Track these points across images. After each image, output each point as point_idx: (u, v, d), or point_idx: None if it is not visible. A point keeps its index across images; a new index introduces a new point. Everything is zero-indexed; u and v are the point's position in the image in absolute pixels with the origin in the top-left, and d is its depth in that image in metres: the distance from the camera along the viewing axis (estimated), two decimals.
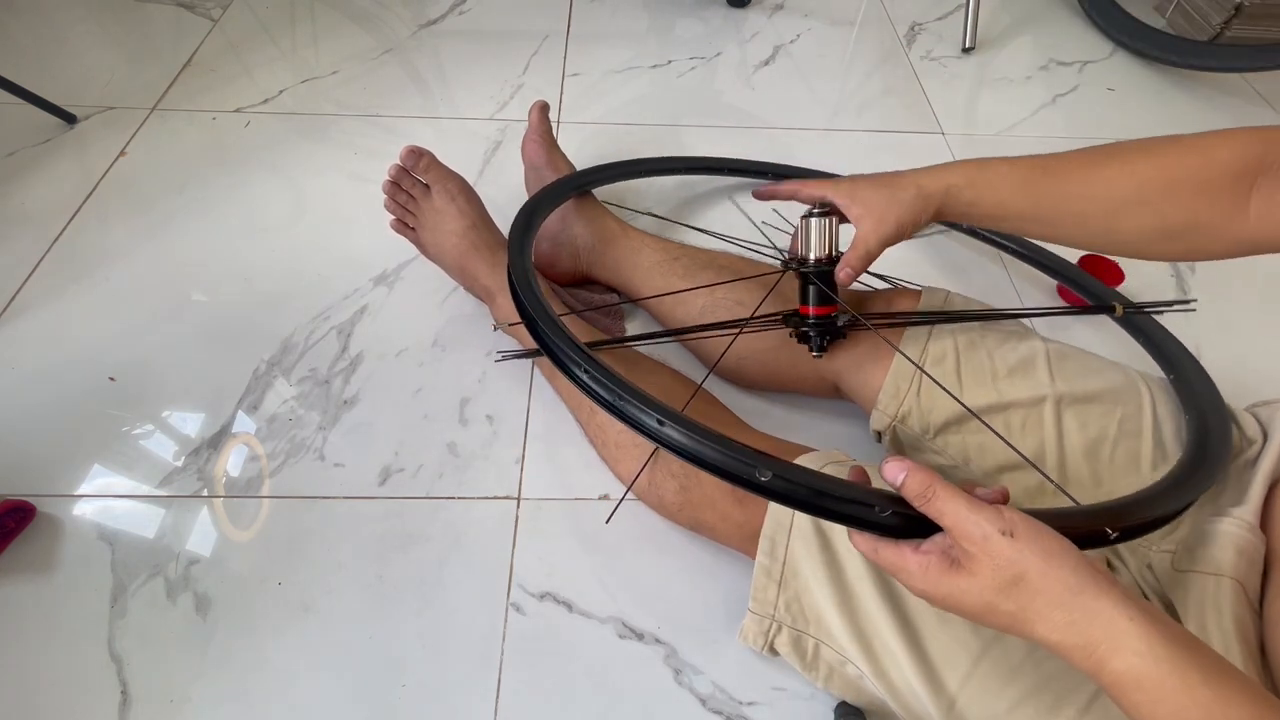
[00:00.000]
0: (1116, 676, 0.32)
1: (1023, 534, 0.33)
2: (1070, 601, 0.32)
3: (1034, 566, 0.33)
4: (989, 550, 0.33)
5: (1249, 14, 1.09)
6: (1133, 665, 0.31)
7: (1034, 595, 0.33)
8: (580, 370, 0.48)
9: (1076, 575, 0.33)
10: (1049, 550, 0.33)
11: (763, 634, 0.53)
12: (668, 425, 0.42)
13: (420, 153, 0.71)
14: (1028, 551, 0.33)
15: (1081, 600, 0.32)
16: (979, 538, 0.33)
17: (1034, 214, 0.50)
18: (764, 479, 0.39)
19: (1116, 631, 0.31)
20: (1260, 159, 0.43)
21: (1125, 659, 0.31)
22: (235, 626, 0.57)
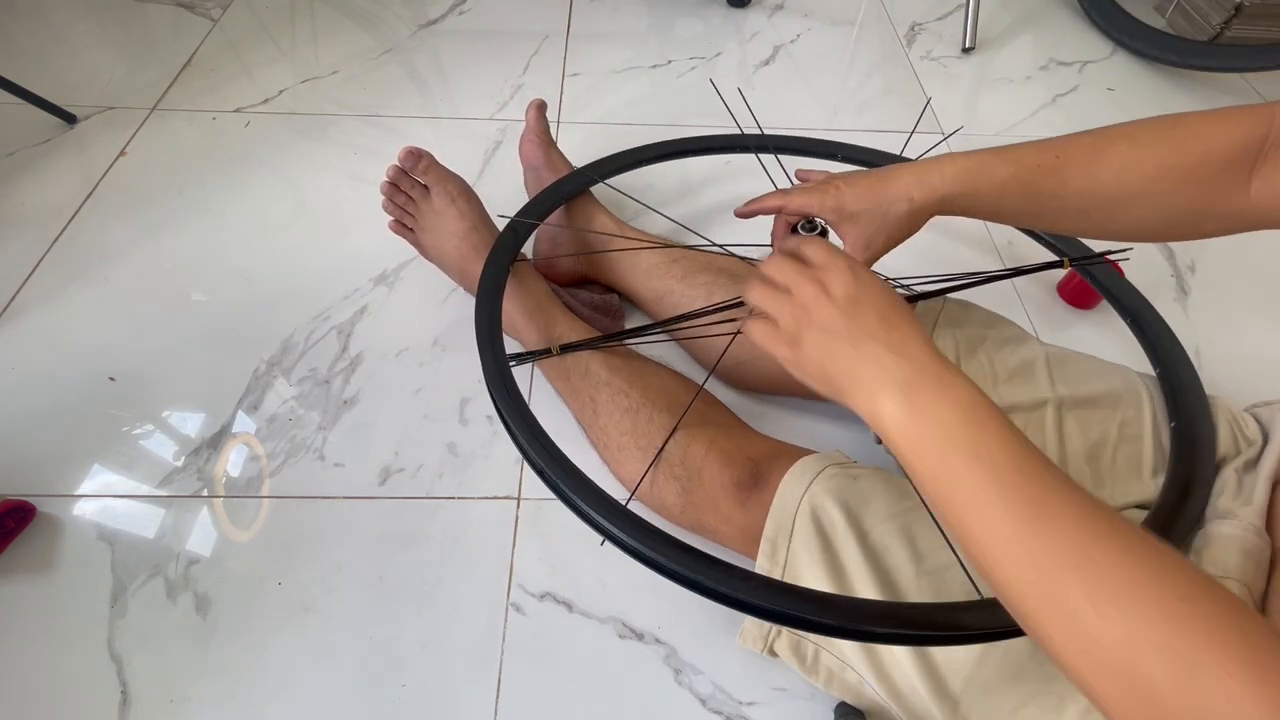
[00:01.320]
0: (877, 419, 0.34)
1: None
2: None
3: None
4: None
5: (1249, 14, 1.09)
6: (892, 412, 0.33)
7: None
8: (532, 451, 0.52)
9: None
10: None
11: (762, 637, 0.53)
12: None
13: (419, 154, 0.71)
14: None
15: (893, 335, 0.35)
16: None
17: (1033, 211, 0.49)
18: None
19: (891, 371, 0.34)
20: (1260, 138, 0.42)
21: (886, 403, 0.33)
22: (235, 626, 0.57)
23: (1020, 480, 0.30)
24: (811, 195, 0.50)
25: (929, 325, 0.59)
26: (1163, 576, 0.26)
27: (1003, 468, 0.30)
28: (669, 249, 0.74)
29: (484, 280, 0.63)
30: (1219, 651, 0.24)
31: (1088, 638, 0.26)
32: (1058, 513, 0.29)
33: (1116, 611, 0.26)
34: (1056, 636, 0.27)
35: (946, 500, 0.32)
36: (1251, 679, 0.23)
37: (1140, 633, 0.25)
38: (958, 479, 0.31)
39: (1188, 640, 0.25)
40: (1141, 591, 0.26)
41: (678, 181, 0.95)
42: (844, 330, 0.37)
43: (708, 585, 0.45)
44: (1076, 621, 0.27)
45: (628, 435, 0.60)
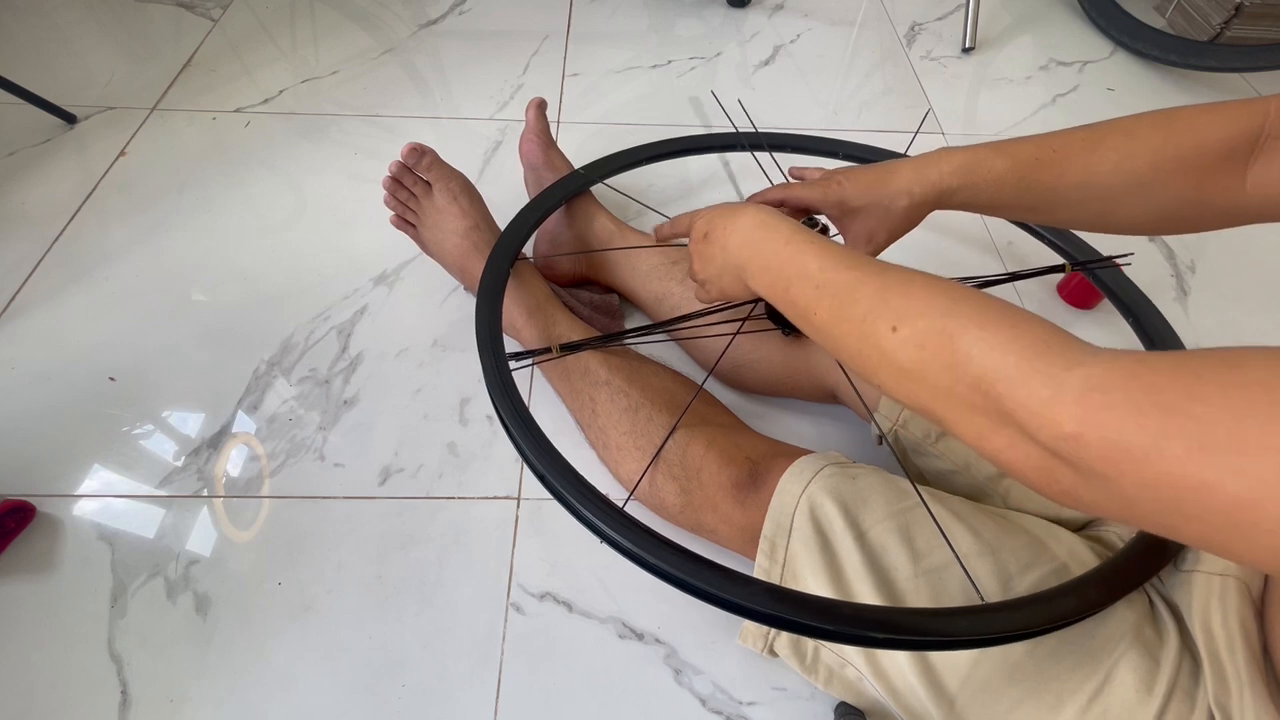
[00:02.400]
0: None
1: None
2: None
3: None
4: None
5: (1249, 14, 1.09)
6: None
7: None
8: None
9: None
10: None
11: (762, 636, 0.53)
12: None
13: (422, 150, 0.71)
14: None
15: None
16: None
17: (1030, 204, 0.49)
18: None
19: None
20: (1255, 130, 0.43)
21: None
22: (235, 626, 0.57)
23: (835, 275, 0.39)
24: (814, 190, 0.52)
25: None
26: (940, 290, 0.34)
27: (817, 272, 0.39)
28: (669, 250, 0.74)
29: (484, 280, 0.63)
30: (989, 327, 0.30)
31: (891, 350, 0.34)
32: (859, 283, 0.37)
33: (906, 323, 0.33)
34: (876, 365, 0.35)
35: (801, 318, 0.40)
36: (1015, 335, 0.29)
37: (925, 331, 0.32)
38: (795, 300, 0.40)
39: (960, 323, 0.31)
40: (925, 308, 0.33)
41: (678, 182, 0.95)
42: (712, 260, 0.48)
43: (706, 590, 0.45)
44: (883, 342, 0.34)
45: (626, 435, 0.60)
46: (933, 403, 0.32)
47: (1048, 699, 0.42)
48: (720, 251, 0.47)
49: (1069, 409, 0.26)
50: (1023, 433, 0.28)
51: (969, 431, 0.31)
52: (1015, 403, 0.28)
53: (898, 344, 0.33)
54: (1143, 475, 0.24)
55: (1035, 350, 0.28)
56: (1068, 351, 0.28)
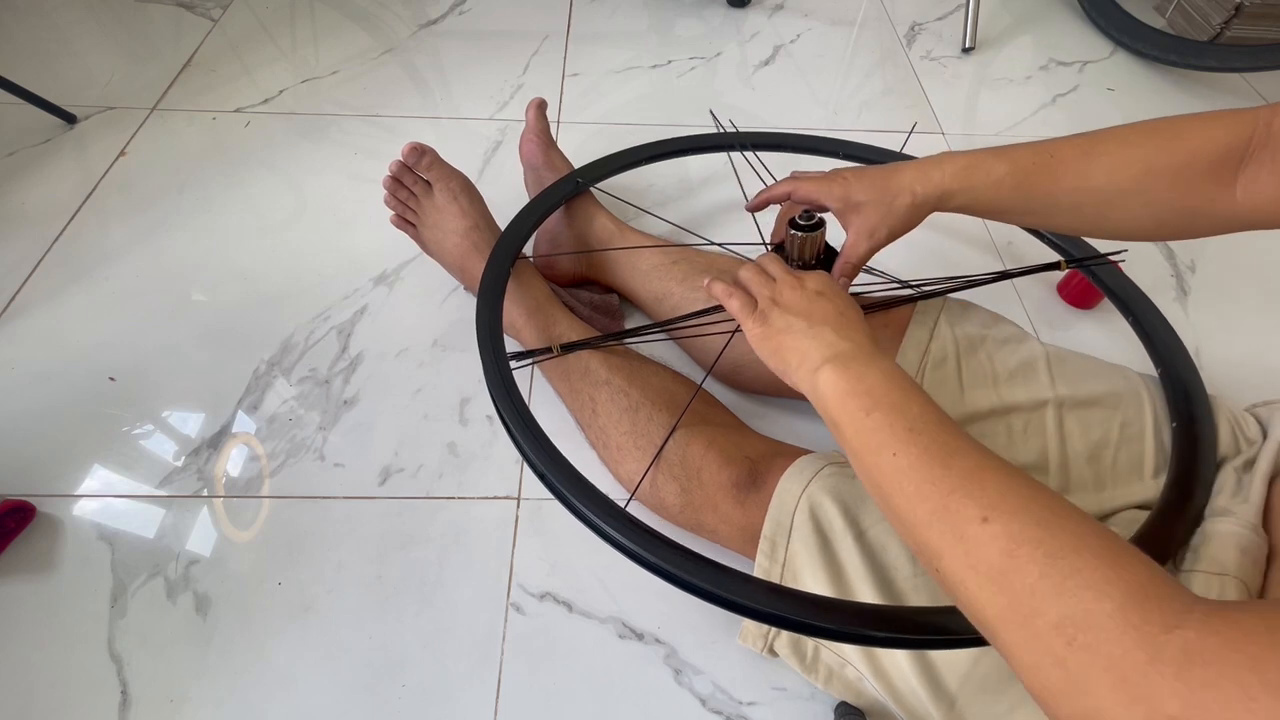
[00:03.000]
0: (816, 387, 0.40)
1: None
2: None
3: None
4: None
5: (1249, 14, 1.09)
6: (831, 380, 0.39)
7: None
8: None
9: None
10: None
11: (762, 636, 0.53)
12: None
13: (423, 150, 0.71)
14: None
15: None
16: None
17: (1027, 208, 0.50)
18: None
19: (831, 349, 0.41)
20: (1245, 140, 0.43)
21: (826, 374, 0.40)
22: (235, 626, 0.57)
23: (932, 429, 0.35)
24: (819, 184, 0.53)
25: (929, 325, 0.59)
26: (1041, 498, 0.30)
27: (917, 418, 0.36)
28: (669, 250, 0.74)
29: (485, 280, 0.63)
30: (1086, 554, 0.27)
31: (972, 541, 0.30)
32: (960, 453, 0.33)
33: (999, 519, 0.29)
34: (946, 549, 0.31)
35: (868, 447, 0.36)
36: (1113, 576, 0.26)
37: (1018, 537, 0.29)
38: (879, 427, 0.36)
39: (1058, 542, 0.28)
40: (1022, 508, 0.30)
41: (677, 182, 0.95)
42: (804, 314, 0.44)
43: (706, 588, 0.45)
44: (964, 531, 0.30)
45: (627, 435, 0.60)
46: (1000, 621, 0.28)
47: None
48: (825, 311, 0.44)
49: (1170, 684, 0.22)
50: (1106, 710, 0.24)
51: (1033, 679, 0.26)
52: (1107, 659, 0.24)
53: (984, 538, 0.29)
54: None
55: (1135, 600, 0.25)
56: (1166, 604, 0.24)
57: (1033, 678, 0.27)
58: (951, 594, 0.31)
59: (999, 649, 0.28)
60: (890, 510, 0.35)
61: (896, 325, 0.60)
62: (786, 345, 0.44)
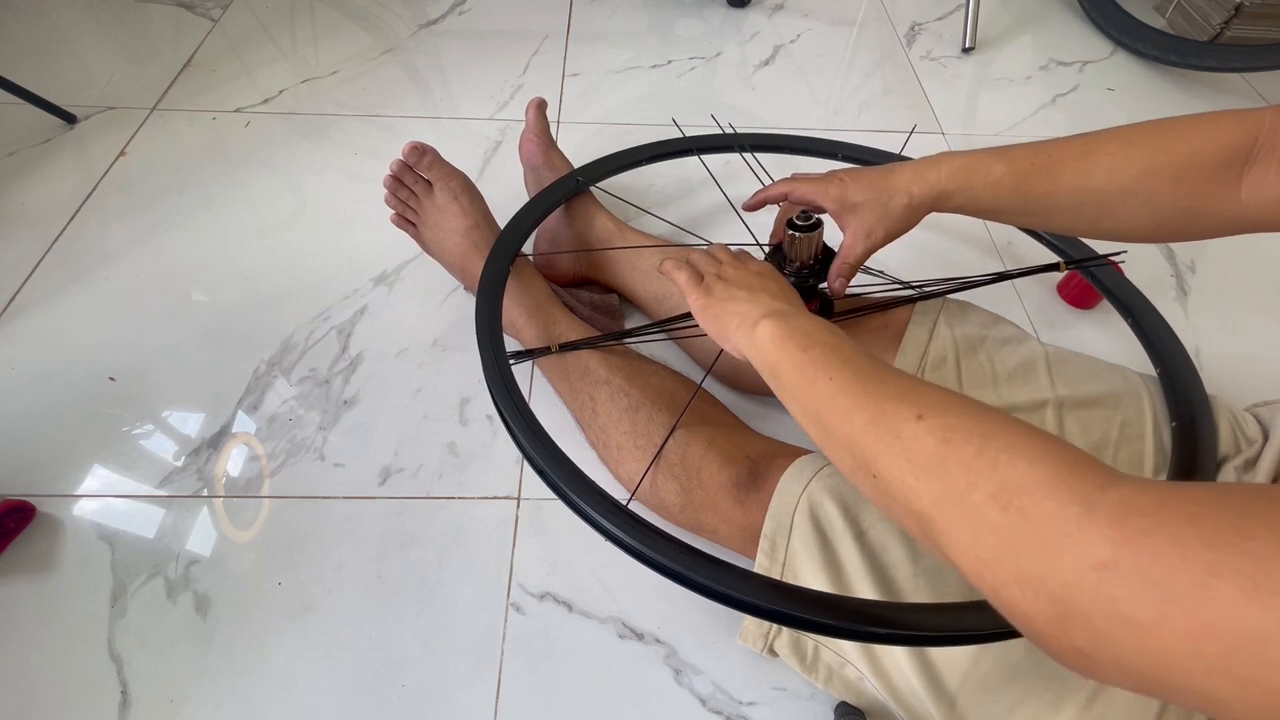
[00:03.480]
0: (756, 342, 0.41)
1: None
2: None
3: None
4: None
5: (1249, 14, 1.09)
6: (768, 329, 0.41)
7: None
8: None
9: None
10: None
11: (762, 636, 0.53)
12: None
13: (423, 149, 0.71)
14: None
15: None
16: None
17: (1026, 208, 0.50)
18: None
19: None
20: (1249, 141, 0.43)
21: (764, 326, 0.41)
22: (235, 626, 0.57)
23: (865, 359, 0.37)
24: (816, 185, 0.53)
25: (929, 325, 0.59)
26: (972, 401, 0.31)
27: (851, 351, 0.37)
28: (668, 249, 0.74)
29: (485, 279, 0.63)
30: (1019, 433, 0.28)
31: (908, 438, 0.30)
32: (892, 375, 0.35)
33: (935, 414, 0.30)
34: (883, 449, 0.31)
35: (805, 378, 0.37)
36: (1048, 449, 0.27)
37: (953, 426, 0.29)
38: (814, 360, 0.37)
39: (992, 426, 0.29)
40: (955, 405, 0.31)
41: (677, 181, 0.95)
42: (745, 287, 0.47)
43: (709, 585, 0.45)
44: (900, 429, 0.31)
45: (626, 435, 0.60)
46: (935, 507, 0.28)
47: (1048, 698, 0.42)
48: (766, 283, 0.47)
49: (1103, 530, 0.22)
50: (1038, 565, 0.24)
51: (967, 554, 0.27)
52: (1041, 517, 0.24)
53: (919, 430, 0.30)
54: (1187, 623, 0.20)
55: (1068, 466, 0.25)
56: (1101, 471, 0.25)
57: (967, 555, 0.27)
58: (887, 502, 0.31)
59: (935, 542, 0.29)
60: (827, 434, 0.35)
61: (895, 326, 0.60)
62: (727, 311, 0.46)
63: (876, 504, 0.33)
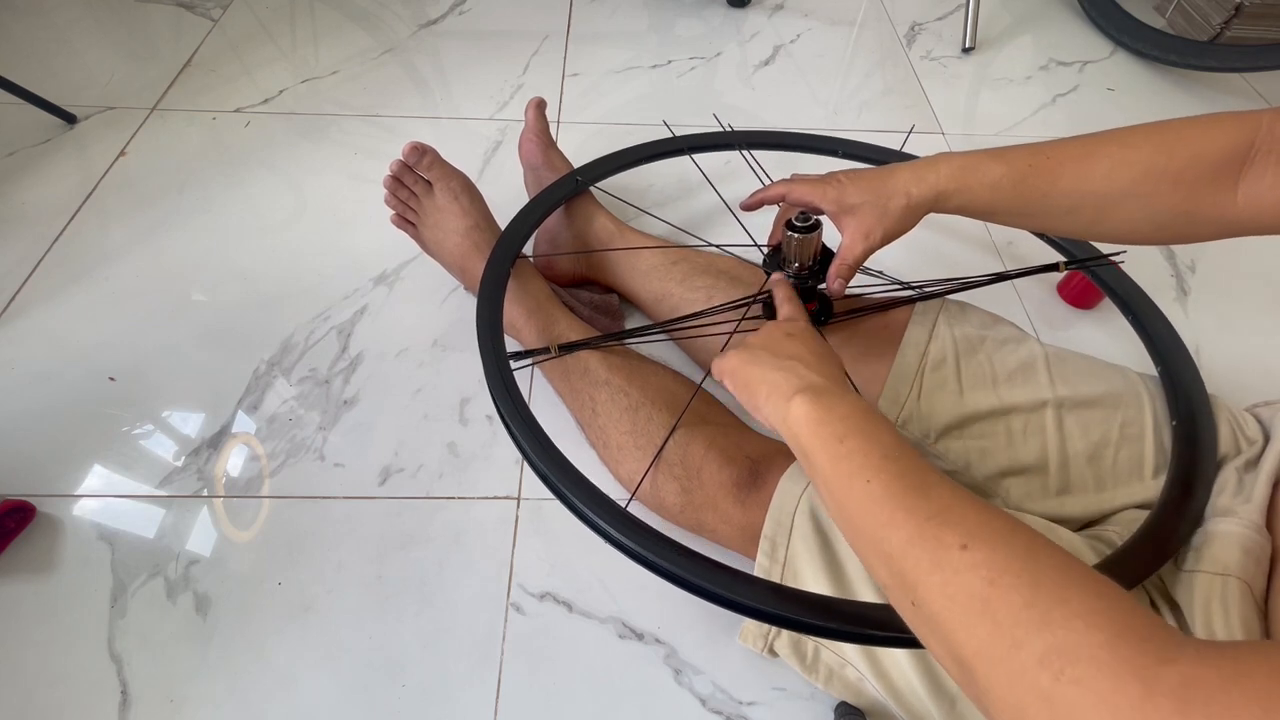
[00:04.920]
0: (789, 422, 0.39)
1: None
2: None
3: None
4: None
5: (1249, 14, 1.09)
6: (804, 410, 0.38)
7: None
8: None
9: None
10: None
11: (762, 636, 0.53)
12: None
13: (423, 149, 0.71)
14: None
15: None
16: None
17: (1023, 210, 0.50)
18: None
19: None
20: (1247, 145, 0.43)
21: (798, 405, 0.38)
22: (235, 626, 0.57)
23: (907, 458, 0.34)
24: (814, 187, 0.53)
25: (928, 326, 0.59)
26: (1021, 530, 0.29)
27: (891, 446, 0.35)
28: (669, 250, 0.74)
29: (485, 279, 0.63)
30: (1072, 587, 0.25)
31: (950, 569, 0.28)
32: (935, 482, 0.32)
33: (981, 547, 0.28)
34: (922, 578, 0.29)
35: (840, 475, 0.35)
36: (1101, 608, 0.24)
37: (1000, 565, 0.27)
38: (852, 453, 0.35)
39: (1043, 571, 0.26)
40: (1003, 538, 0.28)
41: (677, 181, 0.95)
42: (775, 349, 0.44)
43: (708, 588, 0.45)
44: (942, 558, 0.28)
45: (627, 435, 0.60)
46: (978, 658, 0.26)
47: None
48: (796, 348, 0.44)
49: (1166, 718, 0.21)
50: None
51: (1013, 717, 0.25)
52: (1097, 693, 0.22)
53: (963, 565, 0.28)
54: None
55: (1125, 632, 0.23)
56: (1159, 638, 0.23)
57: (1005, 714, 0.25)
58: (926, 634, 0.29)
59: (976, 693, 0.26)
60: (862, 542, 0.33)
61: (895, 327, 0.60)
62: (754, 377, 0.43)
63: (914, 632, 0.30)
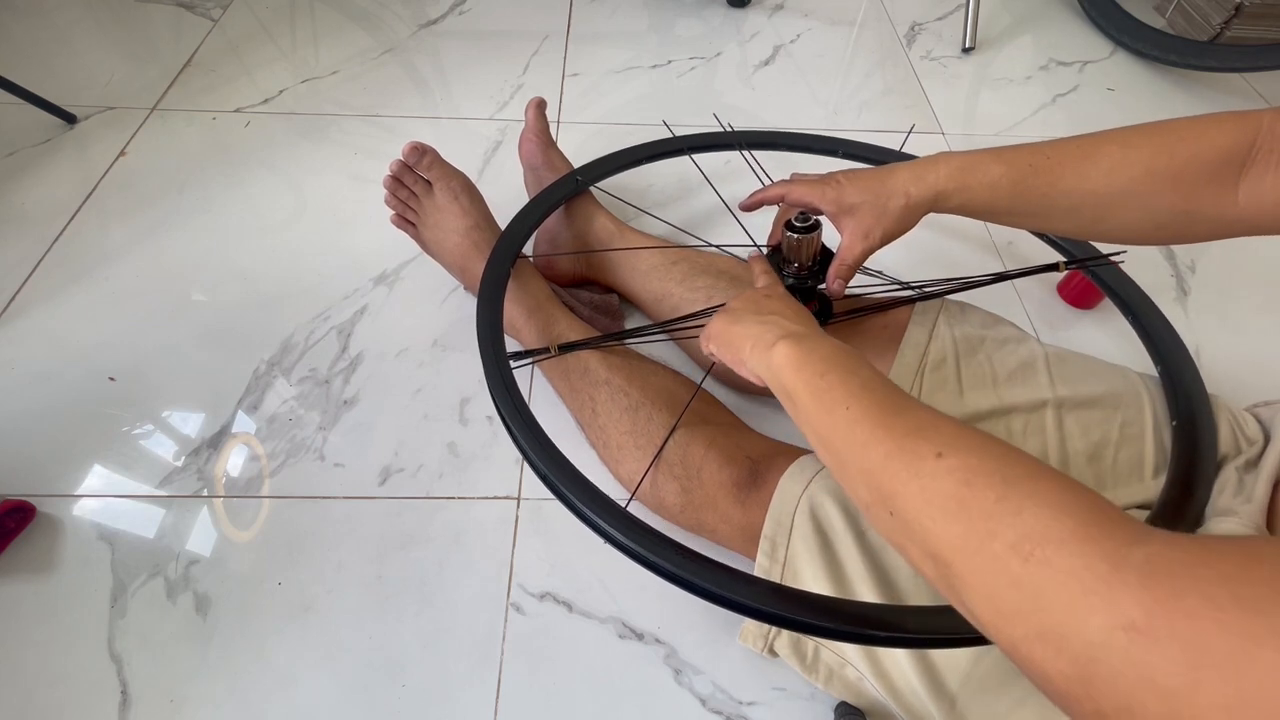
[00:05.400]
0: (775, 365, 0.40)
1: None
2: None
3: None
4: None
5: (1249, 14, 1.09)
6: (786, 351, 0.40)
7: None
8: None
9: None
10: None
11: (762, 636, 0.53)
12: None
13: (423, 149, 0.71)
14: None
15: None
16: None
17: (1023, 210, 0.50)
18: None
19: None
20: (1247, 144, 0.43)
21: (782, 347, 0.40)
22: (235, 626, 0.57)
23: (885, 386, 0.36)
24: (813, 187, 0.53)
25: (928, 326, 0.59)
26: (994, 440, 0.30)
27: (869, 377, 0.36)
28: (669, 250, 0.74)
29: (485, 279, 0.63)
30: (1044, 481, 0.27)
31: (928, 476, 0.29)
32: (912, 405, 0.34)
33: (957, 454, 0.29)
34: (900, 487, 0.30)
35: (822, 406, 0.36)
36: (1071, 499, 0.25)
37: (975, 468, 0.28)
38: (832, 386, 0.36)
39: (1015, 471, 0.28)
40: (978, 445, 0.30)
41: (677, 181, 0.95)
42: (755, 308, 0.47)
43: (708, 589, 0.45)
44: (920, 467, 0.30)
45: (627, 434, 0.60)
46: (954, 551, 0.27)
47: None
48: (775, 305, 0.47)
49: (1133, 590, 0.21)
50: (1062, 623, 0.23)
51: (986, 605, 0.26)
52: (1066, 571, 0.23)
53: (939, 470, 0.29)
54: (1224, 690, 0.19)
55: (1094, 518, 0.24)
56: (1129, 526, 0.24)
57: (985, 606, 0.26)
58: (903, 539, 0.30)
59: (952, 587, 0.27)
60: (844, 465, 0.35)
61: (895, 326, 0.60)
62: (737, 334, 0.45)
63: (892, 542, 0.32)
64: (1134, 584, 0.21)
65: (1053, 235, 0.73)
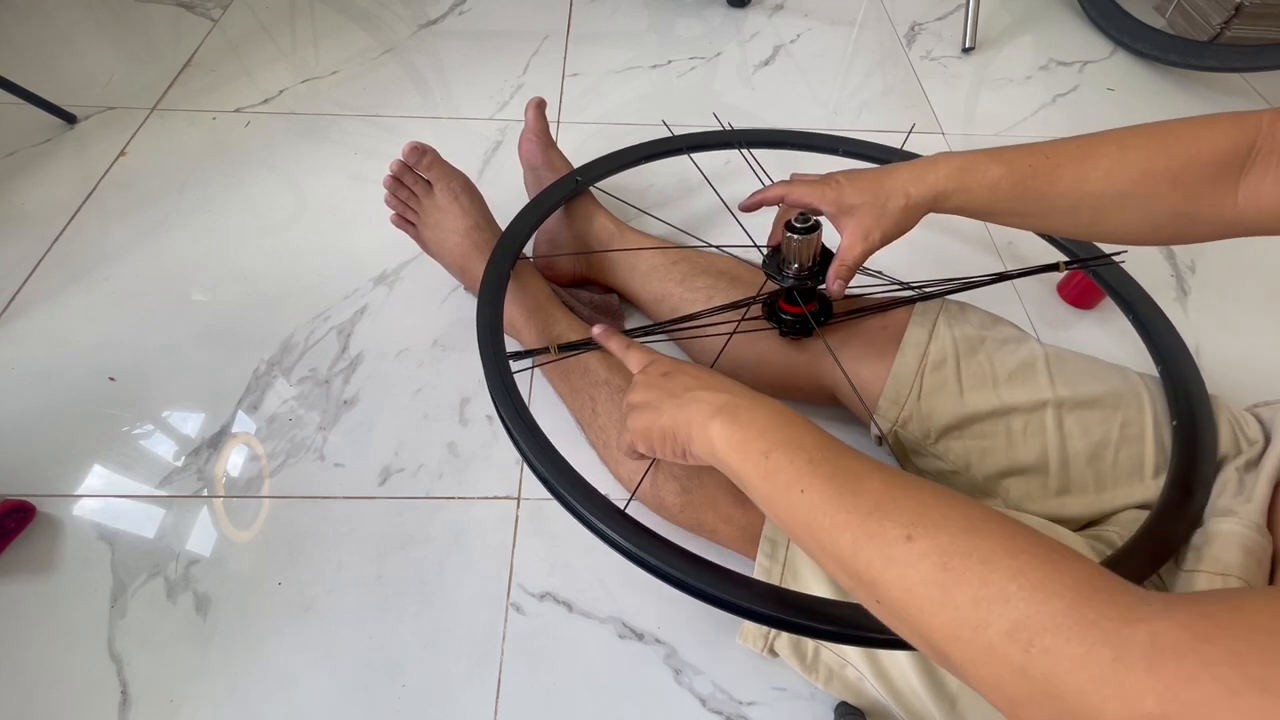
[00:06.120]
0: (711, 443, 0.38)
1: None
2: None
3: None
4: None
5: (1249, 14, 1.09)
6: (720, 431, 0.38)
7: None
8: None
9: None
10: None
11: (762, 636, 0.53)
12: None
13: (423, 149, 0.71)
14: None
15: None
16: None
17: (1023, 210, 0.50)
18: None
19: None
20: (1247, 145, 0.43)
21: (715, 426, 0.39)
22: (235, 626, 0.57)
23: (832, 457, 0.35)
24: (813, 188, 0.53)
25: (928, 326, 0.59)
26: (958, 505, 0.30)
27: (814, 448, 0.35)
28: (669, 250, 0.74)
29: (485, 280, 0.63)
30: (1023, 556, 0.26)
31: (903, 563, 0.29)
32: (865, 473, 0.33)
33: (925, 535, 0.29)
34: (878, 575, 0.30)
35: (776, 489, 0.35)
36: (1055, 575, 0.25)
37: (948, 548, 0.28)
38: (781, 467, 0.35)
39: (991, 546, 0.27)
40: (944, 519, 0.29)
41: (677, 181, 0.95)
42: (665, 391, 0.43)
43: (709, 591, 0.45)
44: (891, 552, 0.29)
45: None
46: (950, 642, 0.27)
47: None
48: (685, 380, 0.43)
49: (1141, 679, 0.21)
50: (1078, 712, 0.22)
51: (998, 693, 0.25)
52: (1069, 660, 0.23)
53: (913, 556, 0.28)
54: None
55: (1083, 596, 0.24)
56: (1118, 597, 0.23)
57: (997, 693, 0.25)
58: (895, 624, 0.30)
59: (956, 672, 0.27)
60: (815, 549, 0.33)
61: (895, 327, 0.60)
62: (666, 427, 0.42)
63: (884, 622, 0.31)
64: (1141, 669, 0.21)
65: (1052, 235, 0.73)
